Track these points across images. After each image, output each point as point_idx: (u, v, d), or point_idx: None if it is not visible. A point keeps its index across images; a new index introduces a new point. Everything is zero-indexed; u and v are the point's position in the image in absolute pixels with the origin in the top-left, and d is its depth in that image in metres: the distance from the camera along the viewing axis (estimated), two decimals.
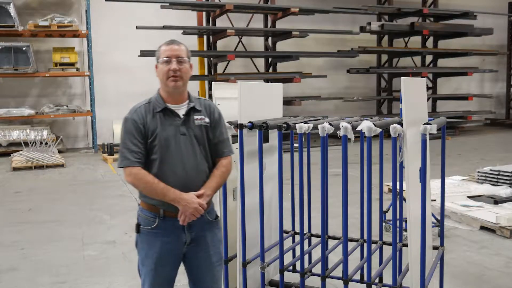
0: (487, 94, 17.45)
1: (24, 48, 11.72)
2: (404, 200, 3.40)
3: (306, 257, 3.81)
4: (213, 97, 3.95)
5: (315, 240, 4.02)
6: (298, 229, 3.92)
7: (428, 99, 14.23)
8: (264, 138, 3.51)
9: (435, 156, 5.06)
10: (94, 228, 5.87)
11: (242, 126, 3.32)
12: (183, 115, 2.58)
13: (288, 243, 3.93)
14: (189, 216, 2.49)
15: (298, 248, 3.78)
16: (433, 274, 3.25)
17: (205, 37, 13.63)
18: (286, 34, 13.01)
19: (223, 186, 3.21)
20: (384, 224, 5.17)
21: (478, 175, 7.40)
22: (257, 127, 3.28)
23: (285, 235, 3.87)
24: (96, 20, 12.67)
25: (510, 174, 6.91)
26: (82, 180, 8.89)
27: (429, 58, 15.99)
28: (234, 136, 3.35)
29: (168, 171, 2.52)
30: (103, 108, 12.83)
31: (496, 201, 6.21)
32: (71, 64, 12.39)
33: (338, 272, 3.46)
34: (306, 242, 3.97)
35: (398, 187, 3.20)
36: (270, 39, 13.89)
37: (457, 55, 15.57)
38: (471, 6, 16.01)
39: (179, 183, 2.51)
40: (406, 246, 3.50)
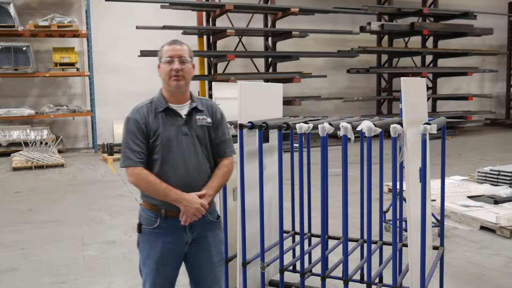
0: (487, 94, 17.45)
1: (24, 48, 11.72)
2: (404, 200, 3.40)
3: (306, 257, 3.81)
4: (213, 97, 3.96)
5: (315, 240, 4.02)
6: (298, 229, 3.92)
7: (428, 99, 14.24)
8: (264, 138, 3.51)
9: (435, 156, 5.06)
10: (94, 228, 5.87)
11: (242, 126, 3.32)
12: (185, 115, 2.58)
13: (288, 243, 3.93)
14: (190, 217, 2.49)
15: (298, 248, 3.78)
16: (433, 274, 3.25)
17: (205, 37, 13.63)
18: (286, 34, 13.01)
19: (223, 186, 3.21)
20: (384, 224, 5.17)
21: (478, 175, 7.40)
22: (257, 127, 3.28)
23: (285, 235, 3.86)
24: (96, 20, 12.67)
25: (510, 174, 6.91)
26: (82, 180, 8.89)
27: (429, 58, 15.99)
28: (234, 136, 3.35)
29: (170, 171, 2.52)
30: (103, 108, 12.84)
31: (496, 201, 6.21)
32: (71, 64, 12.39)
33: (338, 272, 3.46)
34: (306, 242, 3.97)
35: (398, 187, 3.20)
36: (270, 39, 13.88)
37: (457, 55, 15.57)
38: (471, 6, 16.01)
39: (181, 183, 2.51)
40: (406, 246, 3.50)
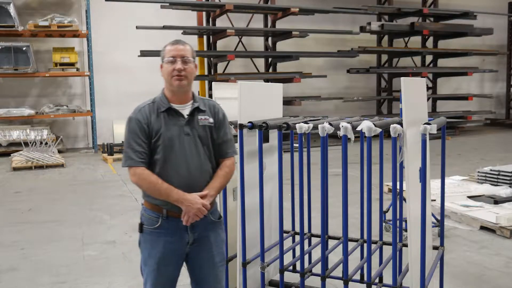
0: (487, 94, 17.45)
1: (24, 48, 11.72)
2: (404, 200, 3.40)
3: (306, 257, 3.81)
4: (213, 97, 3.96)
5: (315, 240, 4.02)
6: (298, 229, 3.92)
7: (428, 99, 14.24)
8: (264, 138, 3.51)
9: (435, 156, 5.06)
10: (94, 228, 5.87)
11: (242, 126, 3.32)
12: (187, 115, 2.58)
13: (288, 243, 3.93)
14: (192, 217, 2.49)
15: (298, 248, 3.78)
16: (433, 274, 3.25)
17: (205, 37, 13.63)
18: (286, 34, 13.01)
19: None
20: (384, 224, 5.16)
21: (478, 175, 7.40)
22: (257, 127, 3.28)
23: (285, 235, 3.87)
24: (96, 20, 12.67)
25: (510, 174, 6.91)
26: (82, 180, 8.89)
27: (429, 58, 15.99)
28: (234, 136, 3.35)
29: (171, 171, 2.52)
30: (103, 108, 12.84)
31: (496, 201, 6.20)
32: (71, 64, 12.39)
33: (338, 272, 3.46)
34: (306, 242, 3.97)
35: (398, 187, 3.20)
36: (270, 39, 13.88)
37: (457, 55, 15.57)
38: (471, 6, 16.01)
39: (183, 183, 2.51)
40: (406, 246, 3.50)
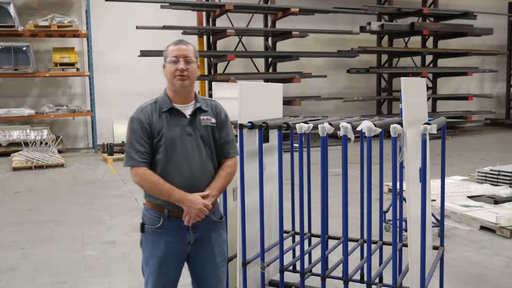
0: (487, 94, 17.45)
1: (24, 48, 11.72)
2: (404, 200, 3.40)
3: (306, 257, 3.81)
4: (213, 97, 3.95)
5: (315, 240, 4.02)
6: (298, 229, 3.92)
7: (428, 99, 14.24)
8: (264, 138, 3.51)
9: (435, 156, 5.06)
10: (94, 228, 5.87)
11: (242, 126, 3.32)
12: (189, 115, 2.58)
13: (288, 243, 3.93)
14: (193, 217, 2.49)
15: (298, 248, 3.78)
16: (433, 274, 3.25)
17: (205, 37, 13.64)
18: (286, 34, 13.01)
19: None
20: (384, 224, 5.16)
21: (478, 175, 7.40)
22: (257, 127, 3.29)
23: (285, 235, 3.87)
24: (96, 20, 12.67)
25: (510, 174, 6.91)
26: (82, 180, 8.89)
27: (429, 58, 15.99)
28: (234, 136, 3.35)
29: (173, 171, 2.52)
30: (103, 108, 12.84)
31: (496, 201, 6.20)
32: (71, 64, 12.39)
33: (338, 272, 3.46)
34: (306, 242, 3.97)
35: (398, 187, 3.20)
36: (270, 39, 13.88)
37: (457, 55, 15.57)
38: (471, 6, 16.01)
39: (185, 183, 2.51)
40: (406, 246, 3.50)
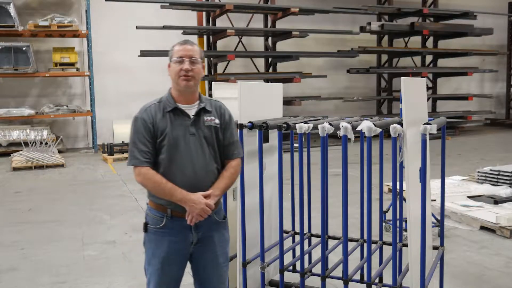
0: (487, 94, 17.45)
1: (24, 48, 11.72)
2: (404, 200, 3.40)
3: (306, 257, 3.81)
4: (213, 97, 3.95)
5: (315, 240, 4.02)
6: (298, 229, 3.92)
7: (428, 99, 14.24)
8: (264, 138, 3.51)
9: (435, 156, 5.06)
10: (94, 228, 5.87)
11: (242, 126, 3.32)
12: (193, 115, 2.59)
13: (288, 243, 3.93)
14: (196, 217, 2.49)
15: (298, 248, 3.78)
16: (433, 274, 3.25)
17: (205, 37, 13.64)
18: (286, 34, 13.01)
19: None
20: (384, 224, 5.16)
21: (478, 175, 7.40)
22: (257, 127, 3.29)
23: (285, 235, 3.87)
24: (96, 20, 12.67)
25: (510, 174, 6.91)
26: (82, 180, 8.89)
27: (429, 58, 15.99)
28: None
29: (176, 171, 2.53)
30: (103, 108, 12.84)
31: (496, 201, 6.20)
32: (71, 64, 12.39)
33: (338, 272, 3.46)
34: (306, 242, 3.97)
35: (398, 187, 3.20)
36: (270, 39, 13.88)
37: (457, 55, 15.57)
38: (471, 6, 16.01)
39: (188, 183, 2.51)
40: (406, 246, 3.50)
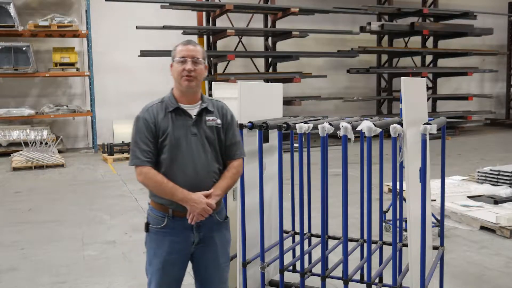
0: (487, 94, 17.45)
1: (24, 48, 11.71)
2: (404, 200, 3.40)
3: (306, 257, 3.81)
4: (213, 97, 3.95)
5: (315, 240, 4.02)
6: (298, 229, 3.92)
7: (428, 99, 14.24)
8: (264, 138, 3.51)
9: (435, 156, 5.06)
10: (94, 228, 5.87)
11: (242, 126, 3.32)
12: (195, 115, 2.59)
13: (288, 243, 3.93)
14: (197, 216, 2.49)
15: (298, 248, 3.78)
16: (433, 274, 3.25)
17: (205, 37, 13.63)
18: (286, 34, 13.01)
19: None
20: (384, 224, 5.16)
21: (478, 175, 7.40)
22: (257, 127, 3.29)
23: (285, 235, 3.87)
24: (96, 20, 12.67)
25: (510, 174, 6.91)
26: (82, 180, 8.89)
27: (429, 58, 15.98)
28: None
29: (178, 170, 2.53)
30: (103, 108, 12.84)
31: (496, 201, 6.20)
32: (71, 64, 12.39)
33: (338, 272, 3.46)
34: (306, 242, 3.97)
35: (398, 187, 3.20)
36: (270, 39, 13.88)
37: (457, 55, 15.57)
38: (471, 6, 16.01)
39: (189, 183, 2.52)
40: (406, 246, 3.50)
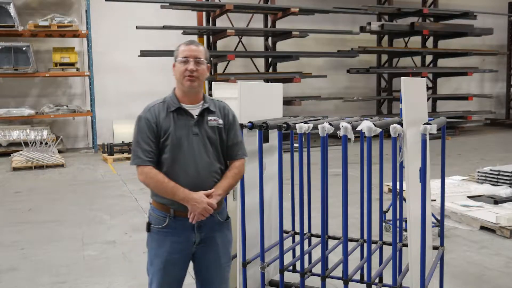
0: (487, 94, 17.45)
1: (24, 48, 11.71)
2: (404, 200, 3.40)
3: (306, 257, 3.81)
4: (213, 97, 3.95)
5: (315, 240, 4.02)
6: (298, 229, 3.92)
7: (428, 99, 14.23)
8: (264, 138, 3.51)
9: (435, 156, 5.06)
10: (94, 228, 5.87)
11: (242, 126, 3.32)
12: (196, 115, 2.59)
13: (288, 243, 3.93)
14: (198, 215, 2.49)
15: (298, 248, 3.78)
16: (433, 274, 3.25)
17: (205, 37, 13.63)
18: (286, 34, 13.01)
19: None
20: (384, 224, 5.16)
21: (478, 175, 7.40)
22: (257, 127, 3.29)
23: (285, 235, 3.87)
24: (96, 20, 12.67)
25: (510, 174, 6.91)
26: (82, 180, 8.89)
27: (429, 58, 15.98)
28: None
29: (179, 170, 2.53)
30: (103, 108, 12.83)
31: (496, 201, 6.20)
32: (71, 64, 12.39)
33: (338, 272, 3.46)
34: (306, 242, 3.97)
35: (398, 187, 3.20)
36: (270, 39, 13.88)
37: (457, 55, 15.57)
38: (471, 6, 16.01)
39: (190, 182, 2.52)
40: (406, 246, 3.50)
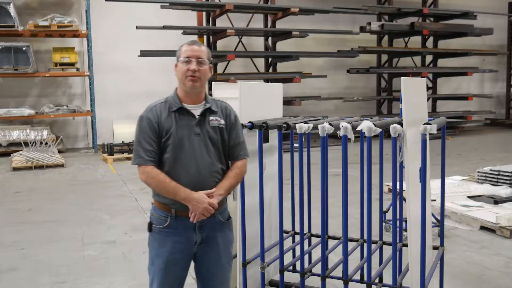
0: (487, 94, 17.45)
1: (24, 48, 11.71)
2: (404, 200, 3.40)
3: (306, 257, 3.81)
4: (213, 97, 3.95)
5: (315, 240, 4.02)
6: (298, 229, 3.92)
7: (428, 99, 14.24)
8: (264, 138, 3.51)
9: (435, 156, 5.06)
10: (94, 228, 5.87)
11: (242, 126, 3.32)
12: (198, 115, 2.59)
13: (288, 243, 3.93)
14: (198, 215, 2.50)
15: (298, 248, 3.78)
16: (433, 274, 3.25)
17: (205, 37, 13.62)
18: (286, 34, 13.01)
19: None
20: (384, 224, 5.17)
21: (478, 175, 7.40)
22: (257, 127, 3.29)
23: (285, 235, 3.87)
24: (96, 20, 12.67)
25: (510, 174, 6.91)
26: (82, 180, 8.89)
27: (429, 58, 15.99)
28: None
29: (181, 170, 2.53)
30: (103, 108, 12.84)
31: (496, 201, 6.20)
32: (71, 64, 12.39)
33: (338, 272, 3.46)
34: (306, 242, 3.97)
35: (398, 187, 3.20)
36: (270, 39, 13.88)
37: (457, 55, 15.57)
38: (471, 6, 16.01)
39: (192, 182, 2.52)
40: (406, 246, 3.50)
